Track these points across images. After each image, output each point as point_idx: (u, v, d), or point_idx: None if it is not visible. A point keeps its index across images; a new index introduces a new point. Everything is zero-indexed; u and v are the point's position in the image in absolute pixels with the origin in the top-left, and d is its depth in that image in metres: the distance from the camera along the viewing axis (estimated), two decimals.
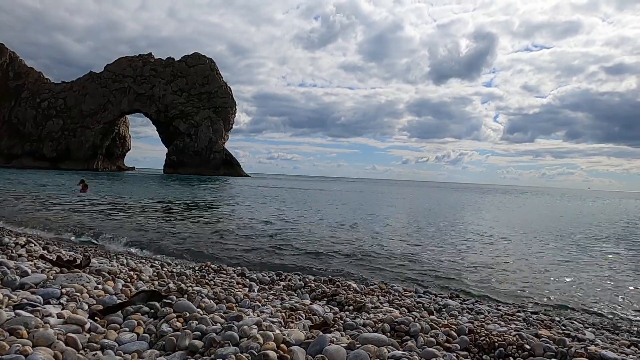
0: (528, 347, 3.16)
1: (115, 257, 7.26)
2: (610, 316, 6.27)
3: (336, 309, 4.36)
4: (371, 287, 6.22)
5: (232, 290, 4.46)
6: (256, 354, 2.51)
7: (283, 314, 3.64)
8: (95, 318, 2.92)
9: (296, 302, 4.25)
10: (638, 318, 6.24)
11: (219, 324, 2.95)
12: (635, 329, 5.64)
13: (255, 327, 2.86)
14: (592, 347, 3.16)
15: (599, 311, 6.50)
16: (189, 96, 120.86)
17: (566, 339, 3.46)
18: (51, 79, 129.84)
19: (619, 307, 6.78)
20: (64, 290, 3.34)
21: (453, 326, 3.55)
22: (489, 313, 5.20)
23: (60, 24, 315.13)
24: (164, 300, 3.36)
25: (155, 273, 5.16)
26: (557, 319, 5.27)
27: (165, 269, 5.64)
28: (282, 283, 5.79)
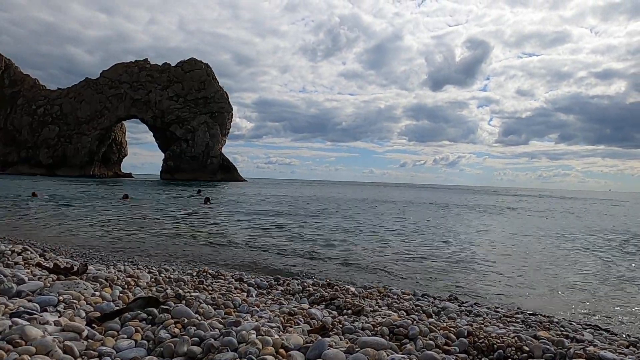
0: (527, 348, 3.16)
1: (112, 264, 7.23)
2: (610, 316, 6.28)
3: (335, 312, 4.35)
4: (369, 290, 6.21)
5: (230, 296, 4.45)
6: (255, 359, 2.50)
7: (281, 318, 3.64)
8: (93, 325, 2.91)
9: (294, 307, 4.24)
10: (637, 318, 6.26)
11: (217, 330, 2.94)
12: (634, 329, 5.65)
13: (254, 332, 2.85)
14: (591, 348, 3.17)
15: (599, 312, 6.51)
16: (185, 101, 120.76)
17: (565, 340, 3.46)
18: (57, 87, 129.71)
19: (619, 308, 6.80)
20: (61, 297, 3.32)
21: (452, 329, 3.55)
22: (487, 315, 5.19)
23: (72, 36, 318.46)
24: (162, 306, 3.34)
25: (152, 279, 5.14)
26: (556, 320, 5.27)
27: (163, 275, 5.62)
28: (281, 288, 5.78)
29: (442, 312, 5.14)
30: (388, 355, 2.77)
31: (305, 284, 6.12)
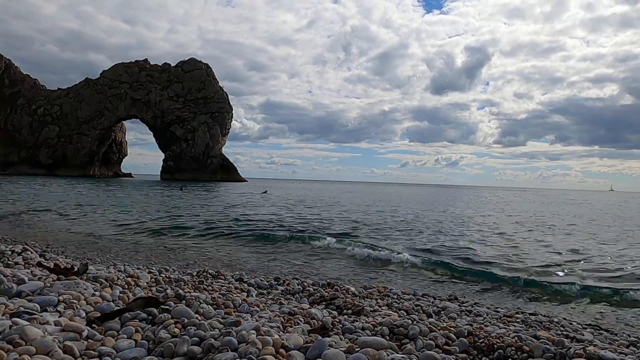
0: (527, 348, 3.16)
1: (112, 264, 7.23)
2: (610, 316, 6.27)
3: (335, 312, 4.35)
4: (369, 290, 6.21)
5: (230, 296, 4.45)
6: (255, 359, 2.50)
7: (281, 318, 3.63)
8: (93, 325, 2.91)
9: (295, 307, 4.23)
10: (637, 318, 6.25)
11: (217, 330, 2.93)
12: (634, 329, 5.65)
13: (254, 332, 2.85)
14: (591, 348, 3.17)
15: (599, 311, 6.51)
16: (185, 101, 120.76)
17: (565, 339, 3.46)
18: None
19: (619, 307, 6.79)
20: (61, 297, 3.32)
21: (452, 328, 3.55)
22: (487, 315, 5.19)
23: (95, 43, 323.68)
24: (162, 306, 3.34)
25: (152, 279, 5.14)
26: (556, 319, 5.28)
27: (163, 275, 5.62)
28: (281, 288, 5.78)
29: (442, 312, 5.14)
30: (388, 355, 2.76)
31: (305, 283, 6.12)
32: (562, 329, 4.71)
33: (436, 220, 21.73)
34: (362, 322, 3.74)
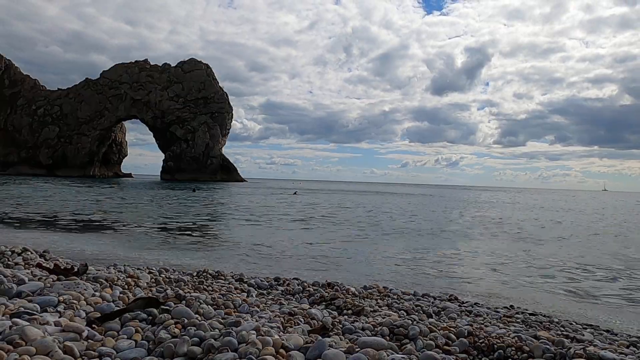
0: (527, 348, 3.17)
1: (112, 264, 7.22)
2: (610, 316, 6.27)
3: (335, 313, 4.36)
4: (369, 290, 6.21)
5: (231, 296, 4.45)
6: (255, 359, 2.50)
7: (282, 318, 3.64)
8: (93, 325, 2.91)
9: (295, 307, 4.24)
10: (637, 318, 6.25)
11: (217, 330, 2.94)
12: (635, 329, 5.65)
13: (254, 332, 2.85)
14: (591, 348, 3.17)
15: (599, 311, 6.51)
16: (185, 102, 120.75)
17: (565, 340, 3.47)
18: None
19: (619, 307, 6.79)
20: (61, 298, 3.32)
21: (452, 329, 3.56)
22: (487, 315, 5.19)
23: (97, 44, 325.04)
24: (162, 306, 3.35)
25: (153, 279, 5.14)
26: (556, 320, 5.28)
27: (163, 275, 5.62)
28: (281, 288, 5.78)
29: (442, 312, 5.14)
30: (388, 356, 2.76)
31: (305, 284, 6.13)
32: (562, 329, 4.71)
33: None
34: (362, 323, 3.75)
